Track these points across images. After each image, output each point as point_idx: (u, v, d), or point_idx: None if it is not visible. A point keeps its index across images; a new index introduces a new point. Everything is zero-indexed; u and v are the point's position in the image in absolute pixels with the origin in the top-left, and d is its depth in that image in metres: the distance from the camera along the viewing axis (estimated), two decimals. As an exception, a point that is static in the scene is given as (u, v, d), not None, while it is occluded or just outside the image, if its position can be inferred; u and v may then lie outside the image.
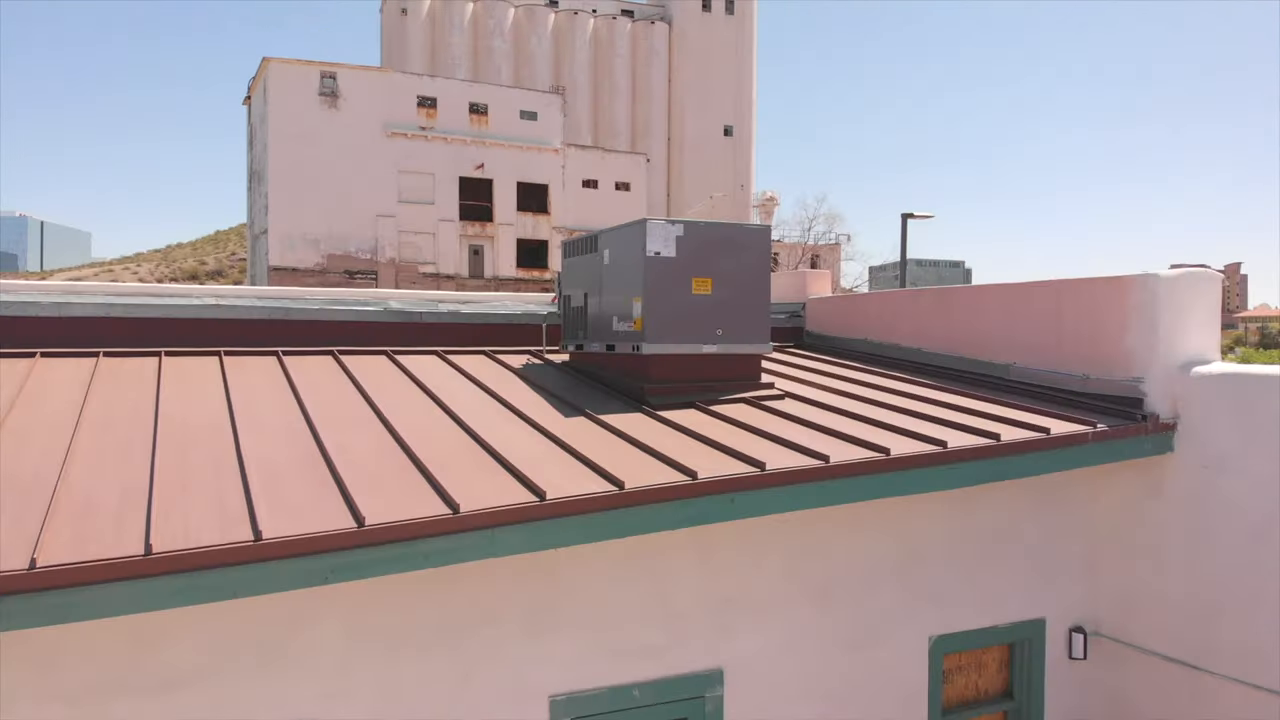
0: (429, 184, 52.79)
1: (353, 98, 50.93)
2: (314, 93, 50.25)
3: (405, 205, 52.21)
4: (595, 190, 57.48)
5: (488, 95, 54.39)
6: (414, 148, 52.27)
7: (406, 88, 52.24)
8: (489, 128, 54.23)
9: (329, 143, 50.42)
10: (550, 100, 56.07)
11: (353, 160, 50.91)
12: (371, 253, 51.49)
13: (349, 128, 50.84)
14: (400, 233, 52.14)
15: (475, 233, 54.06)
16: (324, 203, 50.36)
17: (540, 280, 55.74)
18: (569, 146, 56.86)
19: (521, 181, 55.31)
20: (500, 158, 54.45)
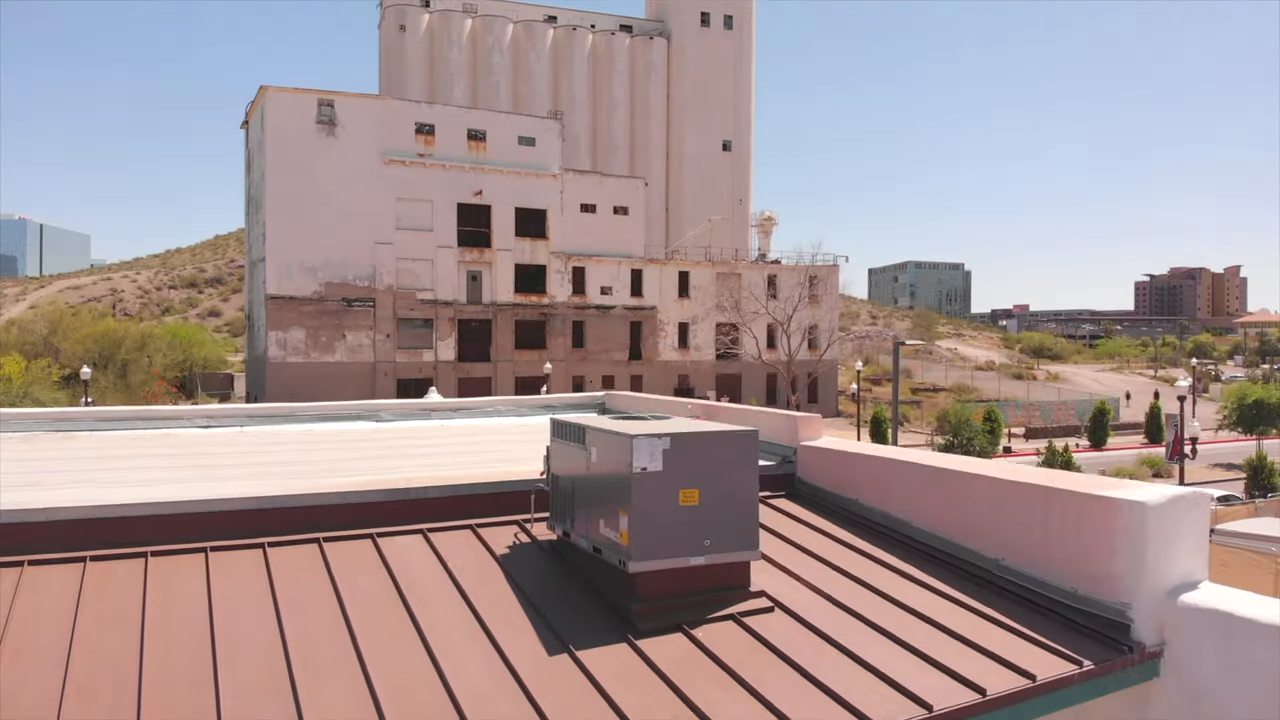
0: (427, 211, 52.82)
1: (351, 125, 50.97)
2: (311, 121, 50.29)
3: (403, 232, 52.23)
4: (593, 215, 57.51)
5: (486, 121, 54.43)
6: (412, 175, 52.32)
7: (405, 115, 52.29)
8: (487, 154, 54.25)
9: (327, 171, 50.47)
10: (548, 126, 56.10)
11: (351, 188, 50.96)
12: (369, 280, 51.50)
13: (347, 155, 50.89)
14: (398, 260, 52.14)
15: (473, 259, 54.07)
16: (322, 231, 50.40)
17: (538, 305, 55.74)
18: (567, 171, 56.89)
19: (520, 207, 55.33)
20: (498, 184, 54.48)
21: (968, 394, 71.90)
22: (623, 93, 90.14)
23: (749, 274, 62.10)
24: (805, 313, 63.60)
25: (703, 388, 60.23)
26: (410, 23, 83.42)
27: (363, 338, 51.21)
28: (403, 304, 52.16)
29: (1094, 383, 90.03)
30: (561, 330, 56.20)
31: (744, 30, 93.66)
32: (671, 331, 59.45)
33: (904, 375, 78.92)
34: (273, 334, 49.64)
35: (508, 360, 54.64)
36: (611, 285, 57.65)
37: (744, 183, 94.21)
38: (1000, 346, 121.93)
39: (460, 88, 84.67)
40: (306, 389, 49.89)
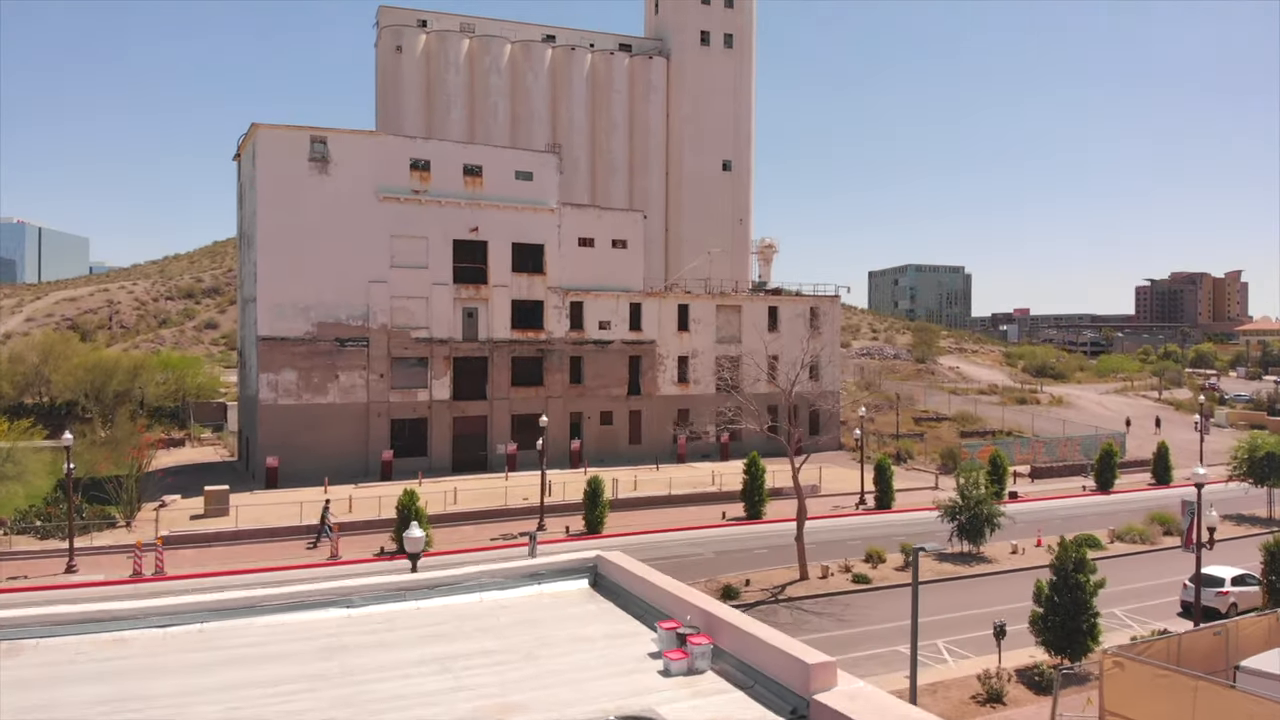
0: (422, 248, 51.92)
1: (344, 162, 50.08)
2: (304, 158, 49.38)
3: (398, 270, 51.33)
4: (591, 249, 56.60)
5: (482, 156, 53.52)
6: (407, 212, 51.43)
7: (399, 151, 51.39)
8: (483, 189, 53.34)
9: (319, 208, 49.58)
10: (546, 160, 55.18)
11: (344, 226, 50.07)
12: (363, 319, 50.59)
13: (340, 192, 50.00)
14: (392, 298, 51.25)
15: (469, 295, 53.17)
16: (314, 270, 49.51)
17: (535, 341, 54.86)
18: (565, 205, 55.98)
19: (517, 242, 54.43)
20: (495, 219, 53.59)
21: (971, 423, 71.01)
22: (622, 112, 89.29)
23: (749, 306, 61.19)
24: (805, 343, 62.66)
25: (702, 421, 59.32)
26: (407, 44, 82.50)
27: (356, 378, 50.31)
28: (397, 343, 51.27)
29: (1097, 406, 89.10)
30: (559, 366, 55.31)
31: (744, 48, 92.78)
32: (671, 365, 58.55)
33: (905, 403, 78.04)
34: (263, 376, 48.73)
35: (504, 398, 53.74)
36: (610, 320, 56.75)
37: (744, 202, 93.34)
38: (1003, 364, 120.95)
39: (458, 109, 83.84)
40: (299, 432, 49.08)
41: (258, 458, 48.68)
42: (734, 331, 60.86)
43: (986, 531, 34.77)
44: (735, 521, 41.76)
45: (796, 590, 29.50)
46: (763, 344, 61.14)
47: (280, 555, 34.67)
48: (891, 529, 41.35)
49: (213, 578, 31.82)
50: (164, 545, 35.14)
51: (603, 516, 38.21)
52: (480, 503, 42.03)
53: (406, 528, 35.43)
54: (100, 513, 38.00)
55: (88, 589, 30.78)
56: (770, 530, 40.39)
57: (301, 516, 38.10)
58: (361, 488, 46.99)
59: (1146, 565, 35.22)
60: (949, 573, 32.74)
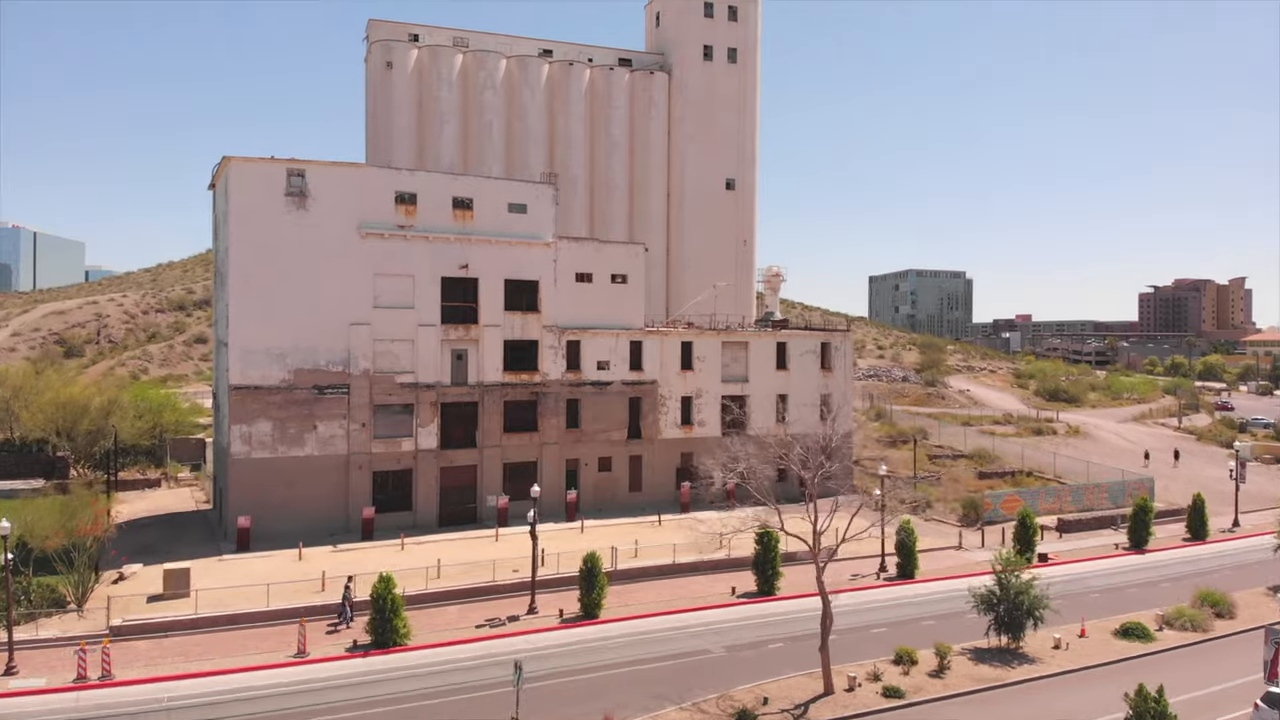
0: (408, 287, 48.43)
1: (323, 196, 46.58)
2: (280, 192, 45.88)
3: (381, 311, 47.82)
4: (589, 284, 53.11)
5: (473, 188, 50.01)
6: (391, 248, 47.94)
7: (383, 183, 47.89)
8: (474, 223, 49.85)
9: (297, 246, 46.10)
10: (540, 191, 51.69)
11: (323, 264, 46.59)
12: (343, 365, 47.07)
13: (319, 229, 46.51)
14: (376, 341, 47.73)
15: (459, 336, 49.67)
16: (291, 312, 46.03)
17: (529, 384, 51.34)
18: (561, 239, 52.49)
19: (510, 279, 50.96)
20: (486, 255, 50.11)
21: (989, 462, 67.49)
22: (621, 130, 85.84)
23: (757, 343, 57.69)
24: (816, 381, 59.23)
25: (707, 466, 55.65)
26: (398, 59, 79.03)
27: (335, 428, 46.77)
28: (380, 389, 47.75)
29: (1115, 437, 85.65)
30: (555, 410, 51.78)
31: (748, 63, 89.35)
32: (674, 407, 55.02)
33: (919, 436, 74.58)
34: (235, 428, 45.19)
35: (495, 446, 50.18)
36: (609, 359, 53.25)
37: (748, 222, 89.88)
38: (1013, 385, 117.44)
39: (451, 127, 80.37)
40: (274, 488, 45.55)
41: (230, 515, 45.15)
42: (741, 370, 57.36)
43: (1029, 624, 31.26)
44: (747, 599, 38.22)
45: (822, 712, 25.95)
46: (771, 383, 57.76)
47: (245, 647, 31.13)
48: (918, 607, 37.89)
49: (165, 682, 28.30)
50: (116, 637, 31.65)
51: (600, 598, 34.68)
52: (466, 577, 38.42)
53: (383, 618, 32.17)
54: (48, 594, 34.44)
55: (24, 699, 27.28)
56: (786, 612, 36.90)
57: (268, 600, 34.55)
58: (340, 549, 43.47)
59: (1203, 661, 31.75)
60: (989, 678, 29.19)
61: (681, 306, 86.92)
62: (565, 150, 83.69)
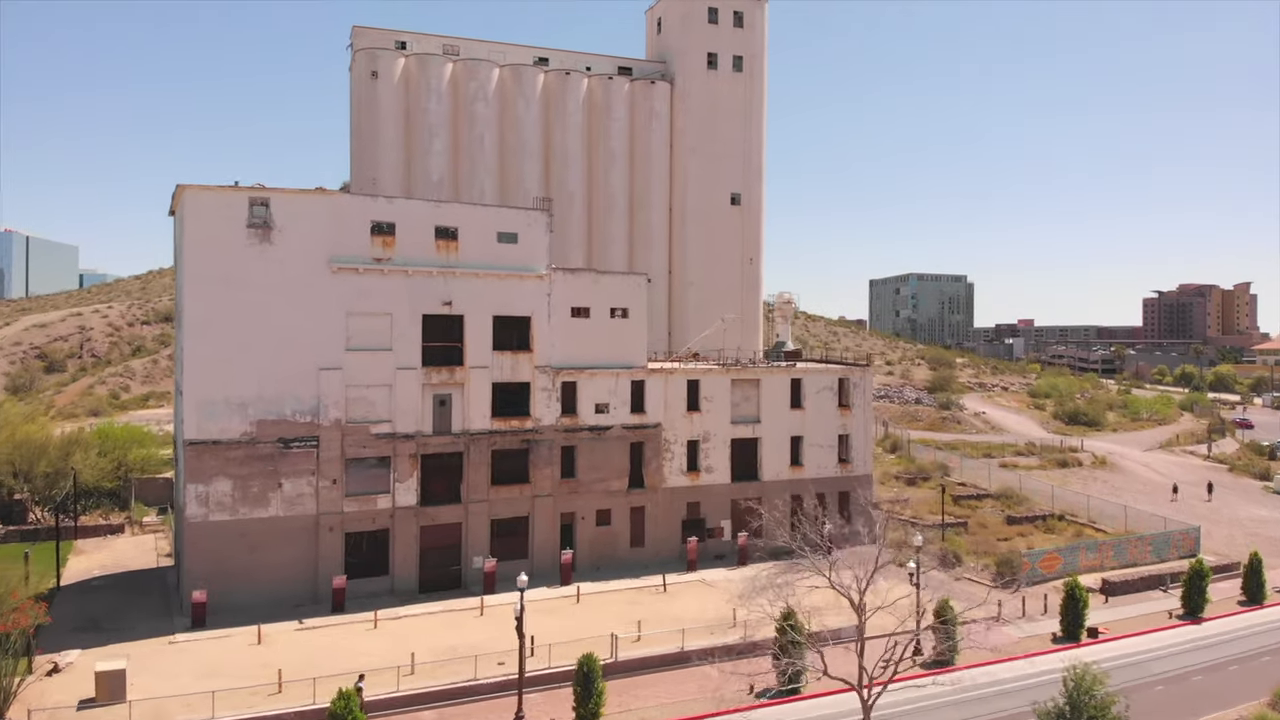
0: (385, 326, 43.67)
1: (290, 228, 41.83)
2: (241, 224, 41.13)
3: (355, 354, 43.06)
4: (586, 320, 48.36)
5: (458, 216, 45.24)
6: (367, 284, 43.18)
7: (357, 212, 43.12)
8: (459, 255, 45.11)
9: (260, 284, 41.34)
10: (533, 219, 46.94)
11: (290, 303, 41.84)
12: (312, 415, 42.29)
13: (285, 264, 41.76)
14: (349, 388, 42.96)
15: (442, 380, 44.90)
16: (253, 357, 41.27)
17: (520, 431, 46.58)
18: (556, 271, 47.72)
19: (499, 315, 46.21)
20: (473, 290, 45.37)
21: (1017, 504, 62.70)
22: (621, 142, 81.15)
23: (769, 380, 52.92)
24: (834, 420, 54.49)
25: (715, 516, 51.01)
26: (383, 68, 74.29)
27: (303, 485, 41.99)
28: (353, 441, 42.98)
29: (1143, 468, 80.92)
30: (548, 459, 47.00)
31: (755, 72, 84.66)
32: (679, 452, 50.26)
33: (939, 470, 69.83)
34: (191, 488, 40.43)
35: (482, 500, 45.38)
36: (608, 402, 48.49)
37: (754, 239, 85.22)
38: (1029, 405, 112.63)
39: (440, 140, 75.66)
40: (234, 555, 40.77)
41: (186, 585, 40.38)
42: (752, 410, 52.59)
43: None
44: (768, 701, 33.40)
45: None
46: (785, 423, 53.06)
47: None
48: (964, 710, 33.14)
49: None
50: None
51: (598, 708, 29.88)
52: (444, 672, 33.50)
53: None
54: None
55: None
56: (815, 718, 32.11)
57: (213, 709, 29.76)
58: (306, 627, 38.69)
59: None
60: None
61: (685, 329, 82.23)
62: (561, 164, 79.03)
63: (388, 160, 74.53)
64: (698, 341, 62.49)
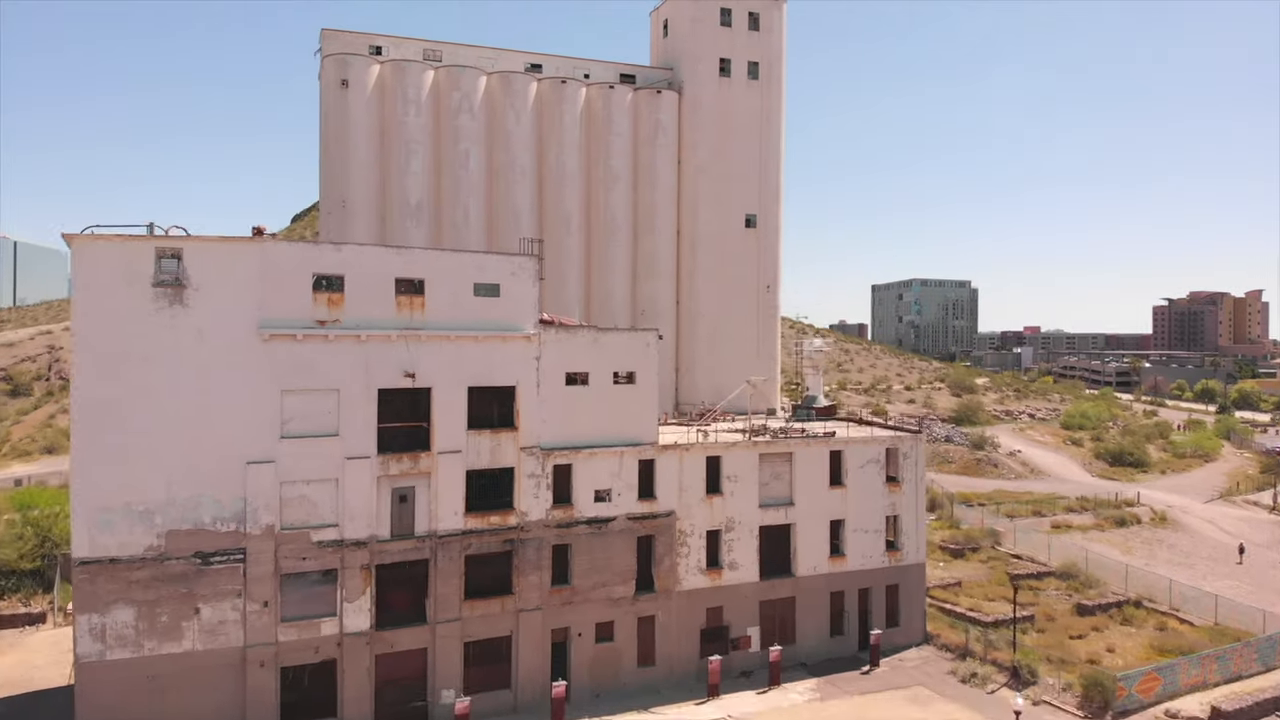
0: (330, 406, 34.87)
1: (209, 285, 33.05)
2: (146, 282, 32.37)
3: (292, 442, 34.27)
4: (584, 388, 39.60)
5: (424, 265, 36.44)
6: (307, 354, 34.39)
7: (294, 264, 34.32)
8: (425, 313, 36.34)
9: (170, 356, 32.59)
10: (518, 267, 38.15)
11: (209, 381, 33.07)
12: (238, 521, 33.50)
13: (203, 332, 33.00)
14: (284, 485, 34.16)
15: (403, 470, 36.10)
16: (161, 452, 32.51)
17: (501, 529, 37.75)
18: (547, 330, 38.91)
19: (476, 387, 37.43)
20: (443, 356, 36.60)
21: (1086, 587, 53.91)
22: (623, 160, 72.45)
23: (804, 453, 44.08)
24: (880, 499, 45.72)
25: (741, 622, 42.20)
26: (355, 76, 65.55)
27: (227, 610, 33.24)
28: (290, 551, 34.20)
29: (1208, 525, 72.28)
30: (536, 562, 38.20)
31: (772, 80, 76.00)
32: (697, 546, 41.46)
33: (989, 538, 61.06)
34: (83, 619, 31.68)
35: (453, 619, 36.55)
36: (610, 487, 39.73)
37: (771, 265, 76.56)
38: (1064, 441, 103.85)
39: (420, 158, 66.91)
40: (138, 701, 31.94)
41: (70, 743, 31.61)
42: (783, 489, 43.80)
43: None
44: None
45: None
46: (824, 505, 44.31)
47: None
48: None
49: None
50: None
51: None
52: None
53: None
54: None
55: None
56: None
57: None
58: (221, 808, 29.88)
59: None
60: None
61: (694, 367, 73.55)
62: (556, 184, 70.31)
63: (360, 181, 65.83)
64: (724, 405, 53.51)
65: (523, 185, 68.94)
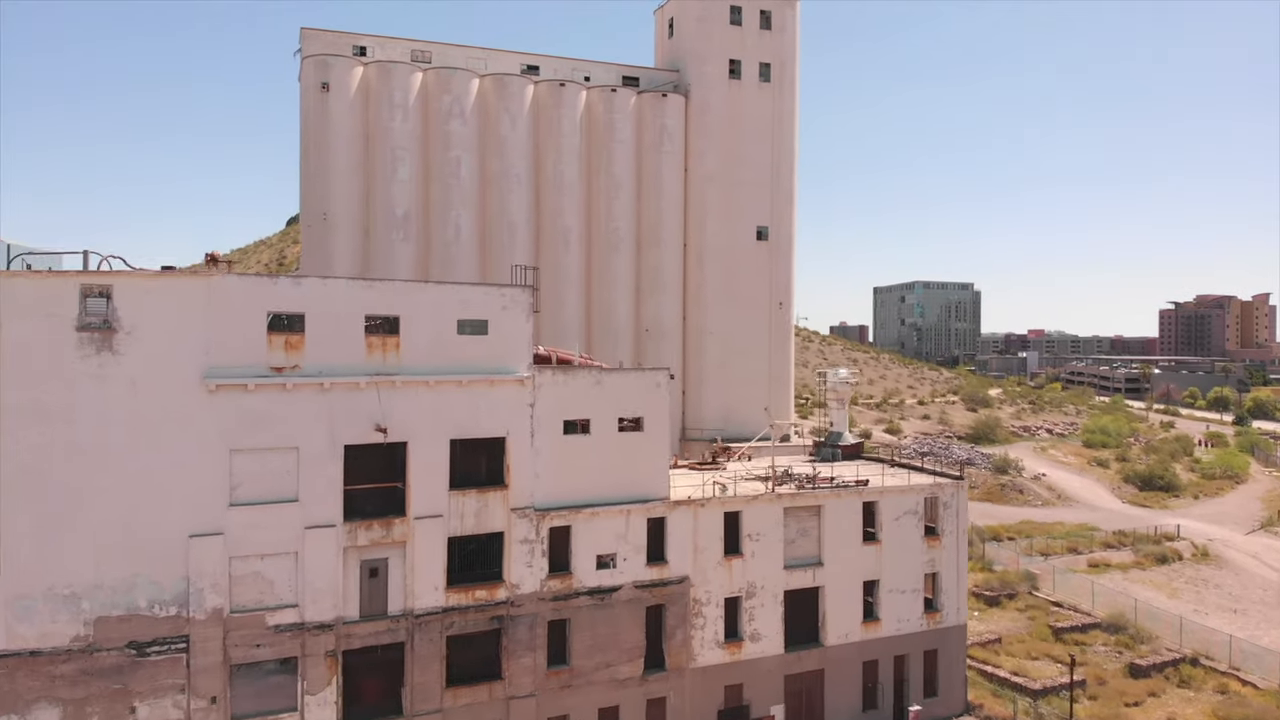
0: (289, 466, 29.90)
1: (144, 327, 28.10)
2: (69, 325, 27.42)
3: (244, 510, 29.30)
4: (585, 437, 34.64)
5: (399, 300, 31.47)
6: (262, 406, 29.42)
7: (245, 301, 29.33)
8: (400, 355, 31.40)
9: (99, 413, 27.65)
10: (510, 299, 33.19)
11: (145, 441, 28.12)
12: (179, 604, 28.54)
13: (138, 383, 28.05)
14: (234, 560, 29.20)
15: (374, 539, 31.15)
16: (89, 526, 27.58)
17: (488, 605, 32.78)
18: (542, 372, 33.93)
19: (460, 439, 32.48)
20: (421, 405, 31.64)
21: (1136, 643, 48.98)
22: (626, 167, 67.58)
23: (834, 507, 39.12)
24: (918, 555, 40.78)
25: (764, 700, 37.23)
26: (337, 79, 60.63)
27: (168, 708, 28.28)
28: (241, 638, 29.26)
29: (1252, 560, 67.43)
30: (529, 642, 33.24)
31: (785, 82, 71.16)
32: (713, 616, 36.50)
33: (1025, 581, 56.11)
34: (-12, 726, 26.79)
35: (434, 711, 31.57)
36: (615, 551, 34.78)
37: (784, 280, 71.76)
38: (1089, 462, 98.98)
39: (407, 166, 62.03)
40: (51, 825, 26.96)
41: None
42: (811, 548, 38.84)
43: None
44: None
45: None
46: (856, 563, 39.39)
47: None
48: None
49: None
50: None
51: None
52: None
53: None
54: None
55: None
56: None
57: None
58: None
59: None
60: None
61: (702, 388, 68.69)
62: (554, 194, 65.40)
63: (342, 192, 60.95)
64: (745, 451, 48.45)
65: (518, 195, 64.06)
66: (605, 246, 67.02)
